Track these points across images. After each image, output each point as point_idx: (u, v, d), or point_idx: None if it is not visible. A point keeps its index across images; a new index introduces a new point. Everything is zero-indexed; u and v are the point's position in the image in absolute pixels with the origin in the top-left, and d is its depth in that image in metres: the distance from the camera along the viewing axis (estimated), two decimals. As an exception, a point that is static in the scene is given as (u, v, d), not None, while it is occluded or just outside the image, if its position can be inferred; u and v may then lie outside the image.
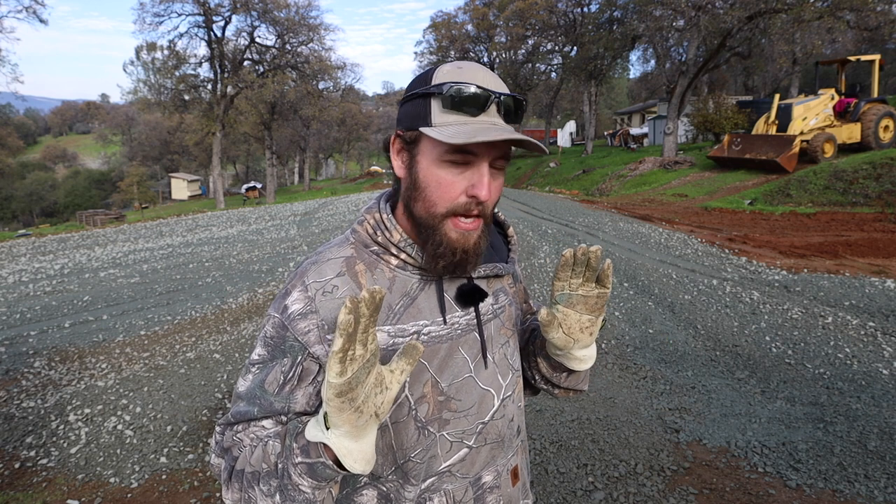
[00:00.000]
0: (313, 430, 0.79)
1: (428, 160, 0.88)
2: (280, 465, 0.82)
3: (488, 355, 1.00)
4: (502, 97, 0.88)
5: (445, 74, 0.89)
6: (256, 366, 0.92)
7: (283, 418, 0.90)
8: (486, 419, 0.99)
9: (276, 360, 0.90)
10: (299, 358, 0.88)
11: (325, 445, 0.78)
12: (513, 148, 0.91)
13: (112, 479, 3.19)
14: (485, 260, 1.02)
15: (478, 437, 0.98)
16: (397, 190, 0.98)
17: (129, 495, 3.05)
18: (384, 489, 0.95)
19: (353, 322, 0.70)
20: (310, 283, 0.91)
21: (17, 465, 3.33)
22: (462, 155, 0.86)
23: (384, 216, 0.95)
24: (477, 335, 0.98)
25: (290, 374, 0.89)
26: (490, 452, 1.01)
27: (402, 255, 0.93)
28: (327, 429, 0.77)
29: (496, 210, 1.09)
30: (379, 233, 0.94)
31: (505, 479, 1.04)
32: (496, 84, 0.89)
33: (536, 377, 1.15)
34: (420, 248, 0.93)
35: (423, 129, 0.87)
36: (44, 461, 3.38)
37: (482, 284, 1.01)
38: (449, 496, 0.97)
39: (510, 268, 1.06)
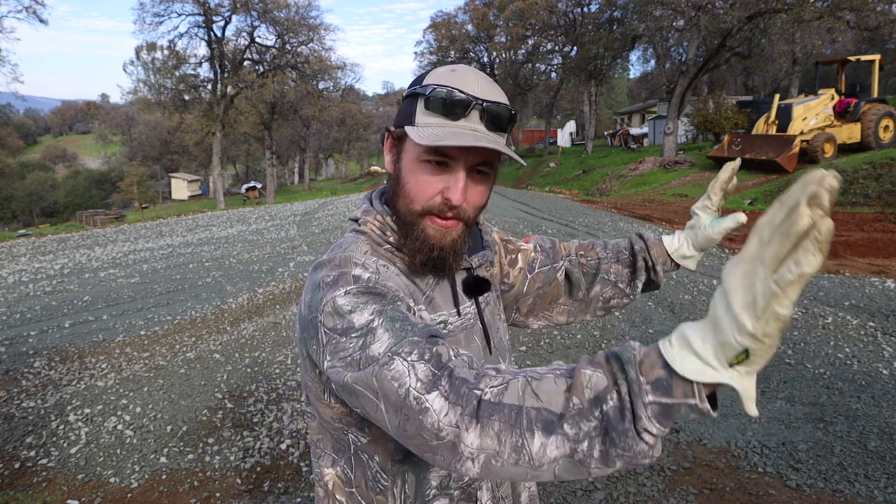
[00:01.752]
0: (697, 365, 0.58)
1: (409, 158, 0.90)
2: (613, 404, 0.62)
3: (491, 342, 1.04)
4: (485, 104, 0.87)
5: (435, 76, 0.90)
6: (377, 317, 0.77)
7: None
8: None
9: (386, 304, 0.79)
10: (407, 303, 0.83)
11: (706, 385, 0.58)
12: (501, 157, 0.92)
13: (112, 479, 3.19)
14: (474, 250, 1.05)
15: None
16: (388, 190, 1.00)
17: (129, 495, 3.05)
18: (453, 494, 0.96)
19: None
20: (363, 261, 0.87)
21: (17, 465, 3.33)
22: (438, 156, 0.87)
23: (388, 219, 0.95)
24: (480, 325, 1.02)
25: (414, 311, 0.84)
26: None
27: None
28: (731, 366, 0.57)
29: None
30: (389, 233, 0.95)
31: None
32: (487, 91, 0.89)
33: (639, 284, 1.18)
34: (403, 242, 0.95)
35: (407, 128, 0.88)
36: (44, 461, 3.38)
37: (481, 273, 1.05)
38: (494, 483, 1.01)
39: (490, 254, 1.08)
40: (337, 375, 0.78)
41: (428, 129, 0.86)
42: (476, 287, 1.01)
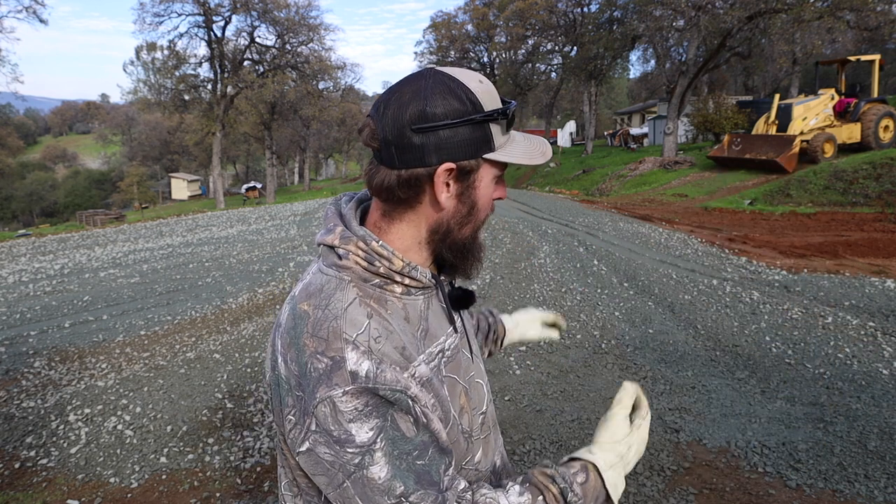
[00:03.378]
0: (620, 489, 0.96)
1: (485, 183, 0.90)
2: None
3: (472, 351, 1.04)
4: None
5: (487, 96, 0.86)
6: (379, 438, 0.78)
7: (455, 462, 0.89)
8: (485, 408, 1.02)
9: (390, 415, 0.79)
10: (407, 403, 0.80)
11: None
12: None
13: (112, 479, 3.19)
14: None
15: (484, 427, 1.01)
16: (365, 206, 0.97)
17: (129, 495, 3.05)
18: None
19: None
20: (356, 339, 0.80)
21: (17, 465, 3.33)
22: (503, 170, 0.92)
23: (374, 244, 0.86)
24: (465, 333, 1.03)
25: (414, 415, 0.81)
26: (493, 437, 1.06)
27: (406, 281, 0.88)
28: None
29: None
30: (377, 264, 0.86)
31: (505, 458, 1.11)
32: None
33: None
34: (451, 265, 0.94)
35: (491, 156, 0.87)
36: (44, 461, 3.38)
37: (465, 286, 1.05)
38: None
39: None
40: (312, 465, 0.81)
41: (509, 147, 0.89)
42: (463, 300, 0.98)
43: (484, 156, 0.86)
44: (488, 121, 0.84)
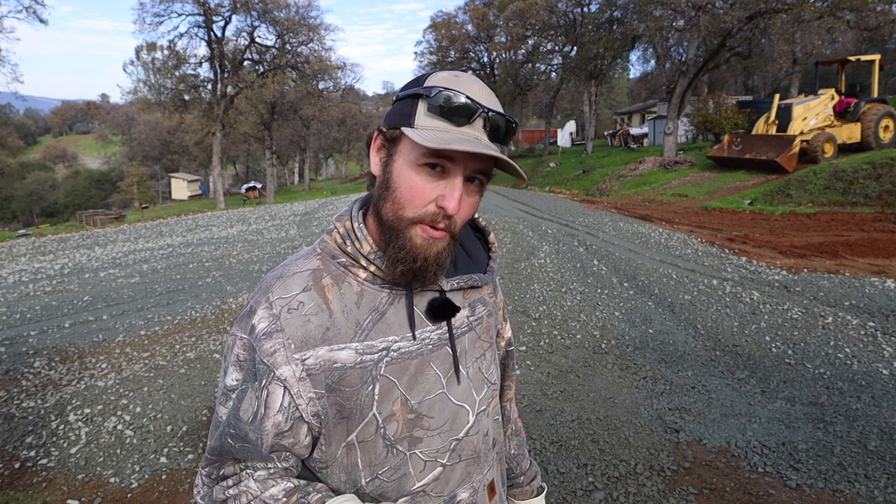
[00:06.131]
0: None
1: (404, 161, 0.85)
2: None
3: (461, 370, 0.97)
4: (490, 113, 0.86)
5: (439, 80, 0.87)
6: (235, 391, 0.88)
7: (274, 465, 0.89)
8: (461, 436, 0.97)
9: (248, 383, 0.87)
10: (264, 381, 0.86)
11: None
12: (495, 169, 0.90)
13: (112, 479, 3.19)
14: (462, 271, 0.99)
15: (451, 455, 0.96)
16: (372, 195, 0.95)
17: (129, 495, 3.05)
18: None
19: None
20: (274, 300, 0.88)
21: (17, 465, 3.33)
22: (437, 160, 0.83)
23: (355, 225, 0.92)
24: (449, 349, 0.95)
25: (260, 399, 0.86)
26: (465, 469, 0.98)
27: (372, 268, 0.90)
28: None
29: (476, 216, 1.05)
30: (348, 242, 0.91)
31: (482, 496, 1.02)
32: (489, 100, 0.88)
33: None
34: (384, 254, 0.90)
35: (405, 129, 0.84)
36: (44, 461, 3.38)
37: (457, 297, 0.98)
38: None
39: (487, 278, 1.02)
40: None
41: (431, 131, 0.83)
42: (441, 311, 0.94)
43: (402, 128, 0.85)
44: (418, 97, 0.86)
